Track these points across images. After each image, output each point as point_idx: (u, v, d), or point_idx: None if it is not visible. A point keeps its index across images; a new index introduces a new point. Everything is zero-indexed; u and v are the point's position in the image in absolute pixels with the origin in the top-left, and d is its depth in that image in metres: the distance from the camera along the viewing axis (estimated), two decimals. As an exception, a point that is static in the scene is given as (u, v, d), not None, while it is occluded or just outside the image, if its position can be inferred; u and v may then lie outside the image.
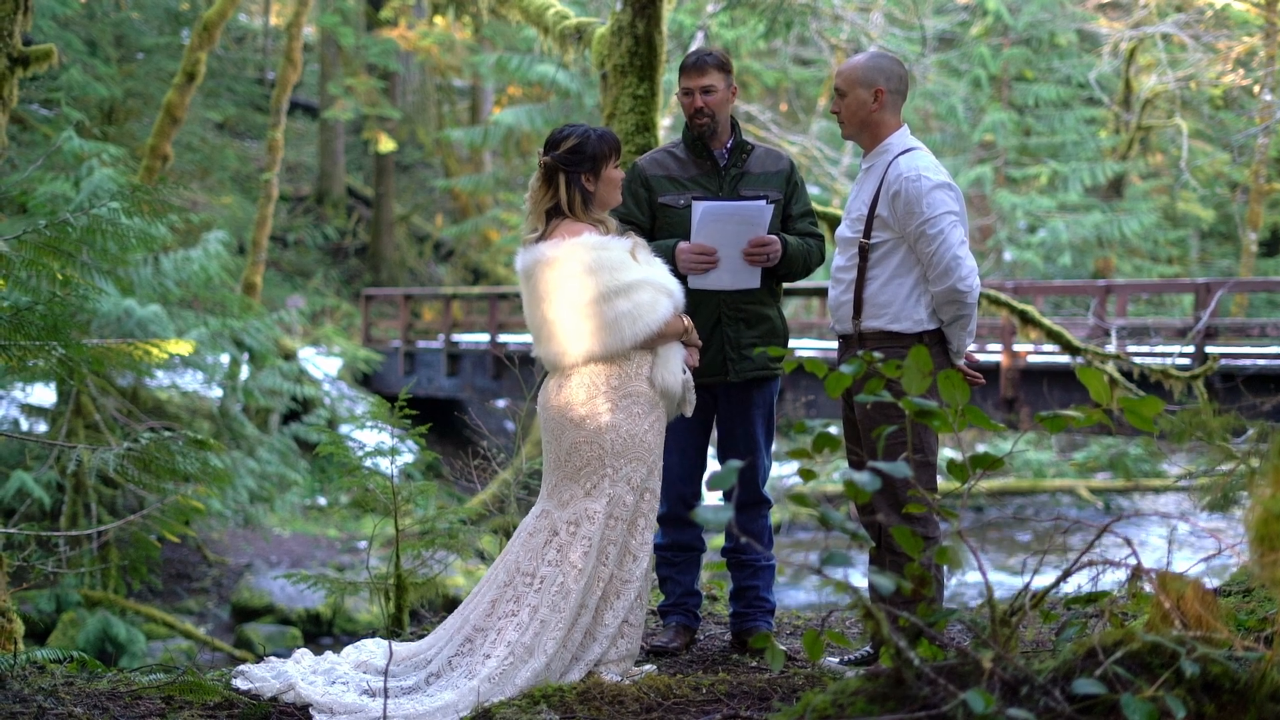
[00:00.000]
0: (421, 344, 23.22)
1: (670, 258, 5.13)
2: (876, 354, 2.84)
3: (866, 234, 4.92)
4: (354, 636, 16.48)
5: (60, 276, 6.71)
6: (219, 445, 6.15)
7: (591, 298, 4.68)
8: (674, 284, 4.84)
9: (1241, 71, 24.71)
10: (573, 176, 4.84)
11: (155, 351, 7.51)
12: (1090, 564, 2.91)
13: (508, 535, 6.88)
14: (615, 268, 4.70)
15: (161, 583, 16.56)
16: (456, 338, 22.50)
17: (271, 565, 17.71)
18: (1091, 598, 3.17)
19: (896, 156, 4.91)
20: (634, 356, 4.78)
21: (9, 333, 6.36)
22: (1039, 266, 28.42)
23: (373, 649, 4.99)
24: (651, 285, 4.75)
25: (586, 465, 4.77)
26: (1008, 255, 29.02)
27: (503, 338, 21.65)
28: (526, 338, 21.90)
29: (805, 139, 26.16)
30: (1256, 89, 23.76)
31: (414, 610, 6.68)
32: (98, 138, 21.68)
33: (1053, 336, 9.48)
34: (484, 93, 33.15)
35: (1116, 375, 9.50)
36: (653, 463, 4.83)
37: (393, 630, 5.97)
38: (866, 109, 4.96)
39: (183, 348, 7.67)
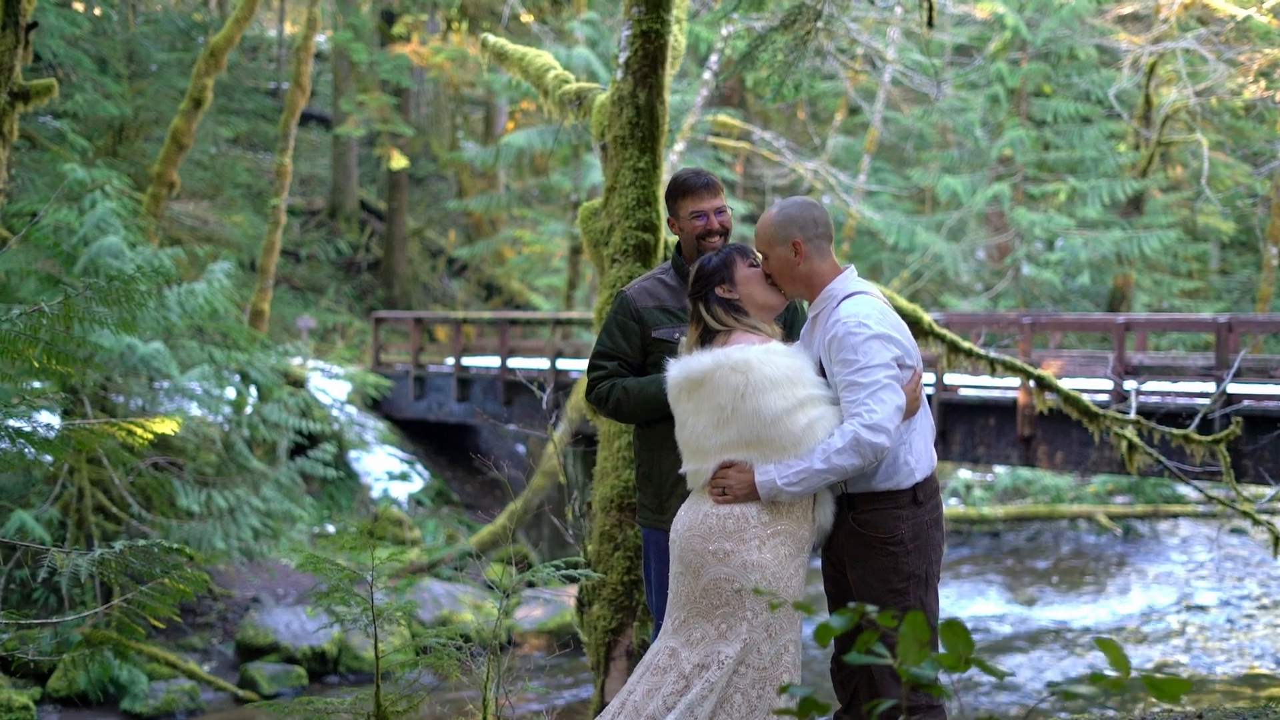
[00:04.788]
0: (432, 368, 23.00)
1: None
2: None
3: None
4: (360, 675, 16.27)
5: (36, 364, 6.50)
6: (198, 556, 5.91)
7: (783, 409, 4.32)
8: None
9: (1263, 83, 24.35)
10: (710, 297, 4.58)
11: (140, 432, 7.31)
12: None
13: (518, 566, 6.49)
14: (808, 382, 4.38)
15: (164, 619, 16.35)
16: (467, 362, 22.26)
17: (278, 598, 17.50)
18: None
19: (840, 301, 4.54)
20: None
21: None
22: (1058, 285, 28.09)
23: None
24: (827, 400, 4.41)
25: (725, 605, 4.35)
26: (1025, 270, 28.70)
27: (513, 362, 21.41)
28: (536, 363, 21.85)
29: (819, 163, 25.84)
30: (1278, 98, 23.40)
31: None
32: (108, 154, 21.54)
33: (1070, 402, 9.19)
34: (498, 108, 32.94)
35: (1136, 440, 9.22)
36: (795, 612, 4.36)
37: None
38: (792, 265, 4.60)
39: (169, 426, 7.46)
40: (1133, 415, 9.48)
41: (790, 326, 5.24)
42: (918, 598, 4.46)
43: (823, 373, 4.52)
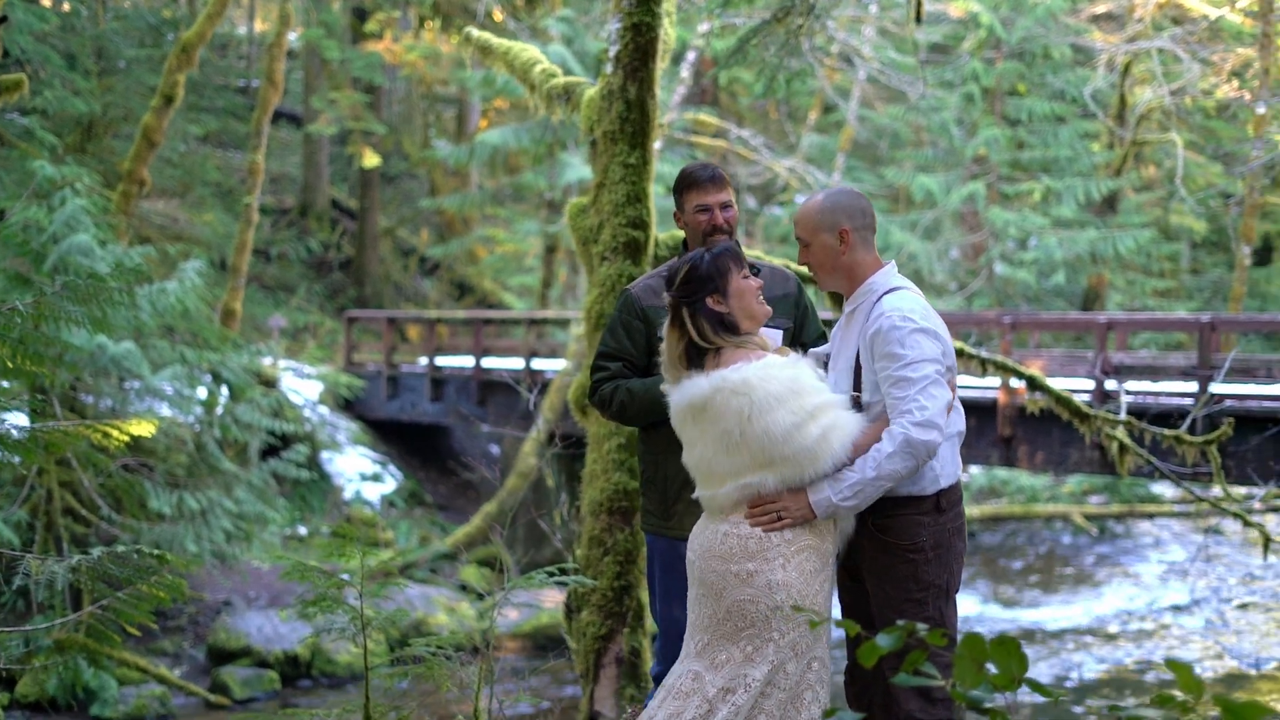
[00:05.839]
0: (405, 368, 22.77)
1: None
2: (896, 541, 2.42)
3: (857, 385, 4.38)
4: (334, 679, 16.05)
5: (9, 365, 6.31)
6: (178, 560, 5.72)
7: (792, 424, 4.10)
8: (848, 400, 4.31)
9: (1235, 82, 24.42)
10: (699, 307, 4.29)
11: (115, 434, 7.12)
12: None
13: (494, 568, 6.34)
14: (812, 390, 4.17)
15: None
16: (440, 362, 22.04)
17: (250, 601, 17.27)
18: None
19: (882, 296, 4.37)
20: None
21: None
22: (1032, 284, 28.05)
23: None
24: (836, 405, 4.21)
25: (750, 627, 4.16)
26: (999, 269, 28.65)
27: (487, 362, 21.21)
28: (511, 363, 21.67)
29: (794, 161, 25.72)
30: (1248, 96, 23.45)
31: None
32: (77, 151, 21.23)
33: (1061, 403, 9.07)
34: (471, 106, 32.71)
35: (1128, 441, 9.10)
36: (820, 628, 4.19)
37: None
38: (836, 254, 4.42)
39: (144, 429, 7.28)
40: (1123, 416, 9.38)
41: (800, 324, 5.08)
42: (937, 608, 4.29)
43: (858, 370, 4.36)
